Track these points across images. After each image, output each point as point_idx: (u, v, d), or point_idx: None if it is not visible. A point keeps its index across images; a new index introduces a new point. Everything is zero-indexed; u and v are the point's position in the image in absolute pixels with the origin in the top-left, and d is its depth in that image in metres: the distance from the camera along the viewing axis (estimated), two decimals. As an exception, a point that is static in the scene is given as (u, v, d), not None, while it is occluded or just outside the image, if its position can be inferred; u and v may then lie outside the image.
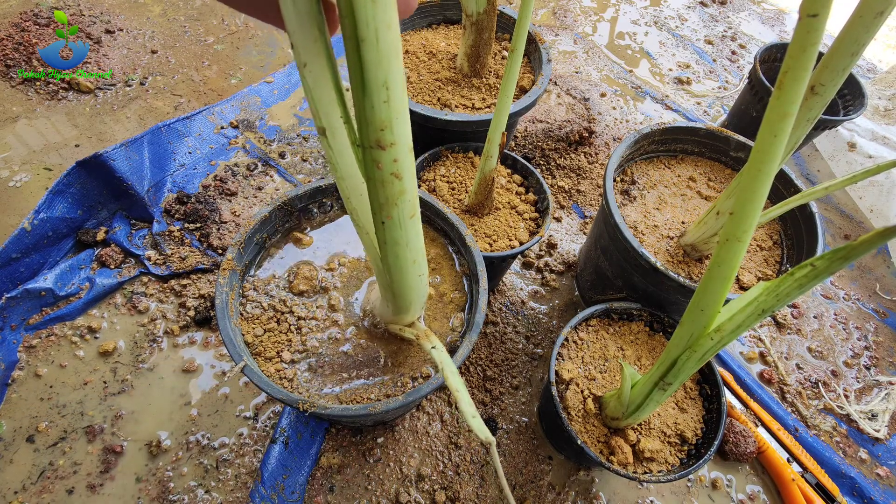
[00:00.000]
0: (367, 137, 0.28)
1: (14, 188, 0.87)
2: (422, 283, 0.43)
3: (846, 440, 0.79)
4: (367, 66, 0.24)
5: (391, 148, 0.28)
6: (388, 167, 0.29)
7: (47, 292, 0.74)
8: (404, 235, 0.35)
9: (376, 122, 0.27)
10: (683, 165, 0.80)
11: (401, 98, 0.27)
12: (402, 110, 0.28)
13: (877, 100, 1.23)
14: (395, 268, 0.39)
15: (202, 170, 0.93)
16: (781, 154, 0.33)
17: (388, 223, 0.33)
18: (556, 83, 1.18)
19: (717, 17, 1.53)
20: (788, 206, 0.57)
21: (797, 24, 0.29)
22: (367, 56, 0.24)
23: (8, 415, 0.68)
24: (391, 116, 0.27)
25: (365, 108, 0.26)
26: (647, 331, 0.69)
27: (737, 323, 0.40)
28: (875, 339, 0.90)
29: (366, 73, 0.25)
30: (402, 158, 0.30)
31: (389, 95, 0.26)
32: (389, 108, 0.27)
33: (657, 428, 0.61)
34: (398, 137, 0.28)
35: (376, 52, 0.24)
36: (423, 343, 0.46)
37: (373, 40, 0.23)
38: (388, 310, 0.49)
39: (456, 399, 0.37)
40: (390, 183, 0.30)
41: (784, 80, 0.31)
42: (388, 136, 0.28)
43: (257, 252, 0.59)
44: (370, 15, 0.23)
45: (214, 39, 1.18)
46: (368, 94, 0.26)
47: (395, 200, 0.32)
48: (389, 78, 0.25)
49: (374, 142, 0.28)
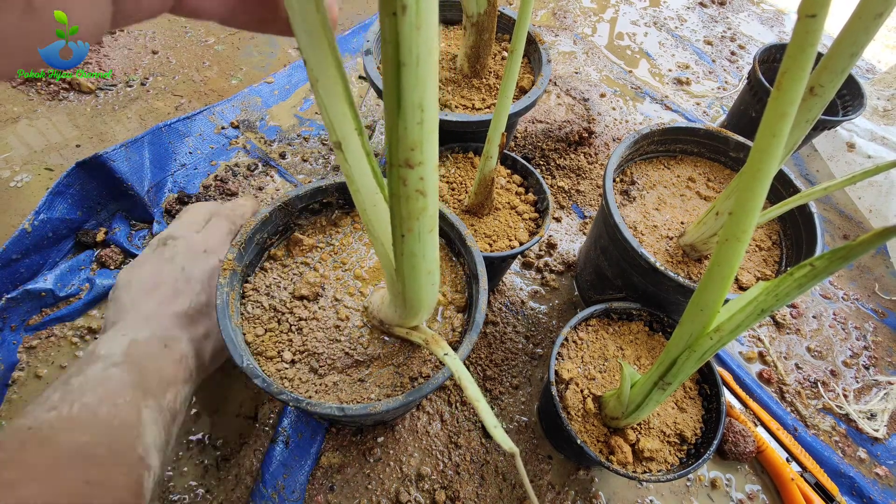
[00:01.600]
0: (397, 156, 0.29)
1: (15, 188, 0.87)
2: (434, 291, 0.43)
3: (845, 440, 0.79)
4: (405, 88, 0.25)
5: (419, 167, 0.29)
6: (414, 184, 0.30)
7: (47, 293, 0.74)
8: (422, 248, 0.36)
9: (408, 141, 0.28)
10: (683, 166, 0.80)
11: (433, 119, 0.28)
12: (433, 131, 0.28)
13: (876, 100, 1.24)
14: (409, 278, 0.39)
15: (203, 170, 0.93)
16: (780, 154, 0.33)
17: (408, 236, 0.34)
18: (556, 84, 1.18)
19: (716, 17, 1.54)
20: (787, 207, 0.57)
21: (795, 25, 0.29)
22: (405, 79, 0.25)
23: (8, 416, 0.68)
24: (423, 137, 0.28)
25: (398, 128, 0.27)
26: (646, 330, 0.70)
27: (736, 323, 0.40)
28: (874, 339, 0.90)
29: (402, 95, 0.25)
30: (427, 176, 0.30)
31: (423, 117, 0.27)
32: (422, 129, 0.27)
33: (657, 427, 0.61)
34: (427, 157, 0.29)
35: (415, 77, 0.25)
36: (435, 349, 0.47)
37: (413, 65, 0.24)
38: (395, 314, 0.49)
39: (477, 409, 0.37)
40: (414, 199, 0.31)
41: (783, 81, 0.31)
42: (417, 155, 0.28)
43: (258, 252, 0.59)
44: (414, 42, 0.23)
45: (215, 40, 1.19)
46: (403, 115, 0.26)
47: (416, 216, 0.32)
48: (425, 100, 0.26)
49: (404, 160, 0.29)
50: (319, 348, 0.54)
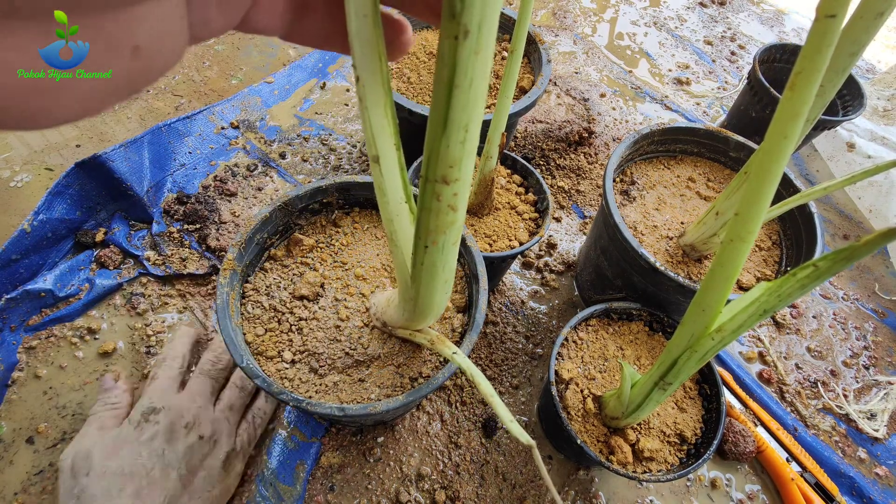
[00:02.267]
0: (434, 172, 0.29)
1: (15, 188, 0.87)
2: (446, 298, 0.44)
3: (845, 440, 0.79)
4: (454, 110, 0.26)
5: (454, 183, 0.30)
6: (447, 200, 0.31)
7: (47, 293, 0.74)
8: (443, 259, 0.37)
9: (448, 159, 0.28)
10: (683, 166, 0.80)
11: (475, 140, 0.28)
12: (473, 150, 0.29)
13: (876, 100, 1.24)
14: (426, 286, 0.40)
15: (202, 170, 0.93)
16: (790, 155, 0.33)
17: (432, 248, 0.35)
18: (556, 84, 1.18)
19: (716, 17, 1.54)
20: (788, 207, 0.57)
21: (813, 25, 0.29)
22: (456, 101, 0.25)
23: (7, 416, 0.68)
24: (463, 156, 0.28)
25: (440, 146, 0.28)
26: (646, 331, 0.70)
27: (738, 323, 0.40)
28: (874, 339, 0.90)
29: (450, 116, 0.26)
30: (461, 193, 0.31)
31: (466, 137, 0.27)
32: (464, 149, 0.28)
33: (657, 427, 0.61)
34: (463, 175, 0.30)
35: (466, 99, 0.25)
36: (441, 349, 0.47)
37: (466, 87, 0.25)
38: (401, 317, 0.49)
39: (491, 405, 0.38)
40: (445, 213, 0.32)
41: (797, 81, 0.30)
42: (455, 172, 0.29)
43: (258, 252, 0.59)
44: (471, 66, 0.24)
45: (215, 40, 1.18)
46: (447, 135, 0.27)
47: (444, 229, 0.33)
48: (471, 122, 0.27)
49: (441, 177, 0.29)
50: (319, 348, 0.54)
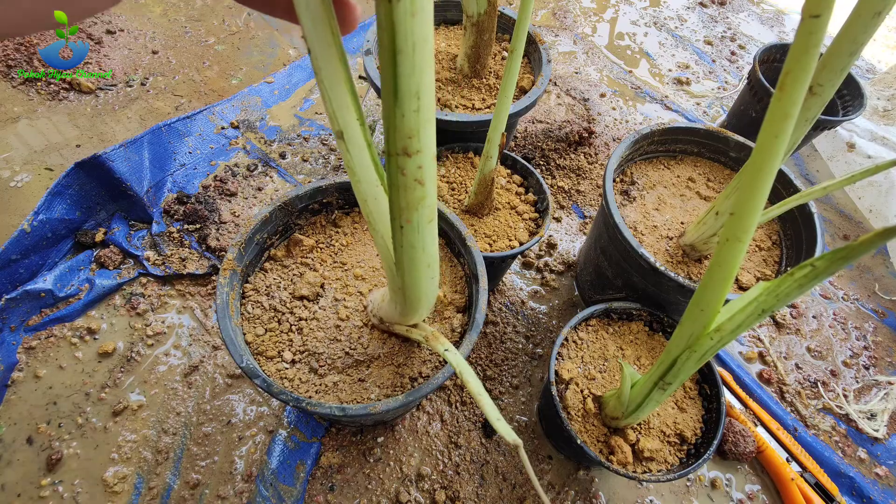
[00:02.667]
0: (395, 144, 0.29)
1: (15, 188, 0.87)
2: (433, 285, 0.43)
3: (845, 440, 0.79)
4: (402, 76, 0.25)
5: (417, 155, 0.29)
6: (413, 174, 0.30)
7: (47, 293, 0.74)
8: (421, 240, 0.36)
9: (405, 129, 0.28)
10: (683, 166, 0.80)
11: (430, 107, 0.28)
12: (430, 119, 0.28)
13: (876, 100, 1.24)
14: (409, 271, 0.39)
15: (202, 170, 0.93)
16: (783, 154, 0.33)
17: (407, 227, 0.34)
18: (556, 84, 1.18)
19: (716, 17, 1.54)
20: (787, 206, 0.57)
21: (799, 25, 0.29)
22: (402, 67, 0.25)
23: (7, 416, 0.68)
24: (419, 125, 0.28)
25: (395, 116, 0.27)
26: (646, 331, 0.70)
27: (737, 323, 0.40)
28: (874, 339, 0.90)
29: (399, 83, 0.26)
30: (426, 165, 0.30)
31: (420, 105, 0.27)
32: (419, 117, 0.27)
33: (657, 427, 0.61)
34: (424, 146, 0.29)
35: (411, 64, 0.25)
36: (434, 345, 0.47)
37: (409, 52, 0.24)
38: (395, 311, 0.49)
39: (479, 403, 0.38)
40: (413, 189, 0.31)
41: (786, 81, 0.31)
42: (415, 143, 0.29)
43: (258, 252, 0.59)
44: (409, 29, 0.24)
45: (215, 40, 1.19)
46: (400, 103, 0.26)
47: (415, 205, 0.32)
48: (421, 88, 0.26)
49: (401, 149, 0.29)
50: (319, 348, 0.54)
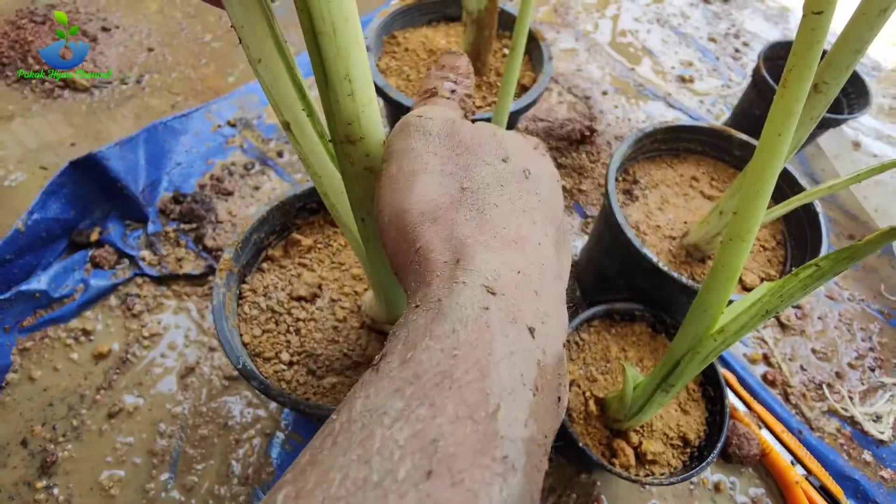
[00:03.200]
0: (336, 132, 0.28)
1: (9, 187, 0.86)
2: None
3: (850, 442, 0.78)
4: (327, 59, 0.24)
5: (361, 142, 0.28)
6: (361, 162, 0.29)
7: (41, 294, 0.73)
8: None
9: (343, 116, 0.27)
10: (686, 165, 0.79)
11: (365, 91, 0.27)
12: (369, 103, 0.27)
13: (881, 98, 1.22)
14: (378, 265, 0.38)
15: (199, 169, 0.92)
16: (786, 153, 0.33)
17: (368, 219, 0.33)
18: (558, 81, 1.17)
19: (720, 14, 1.52)
20: (792, 206, 0.56)
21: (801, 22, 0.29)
22: (326, 50, 0.24)
23: (1, 418, 0.67)
24: (357, 110, 0.27)
25: (330, 102, 0.26)
26: (649, 332, 0.69)
27: (740, 324, 0.40)
28: (880, 341, 0.89)
29: (327, 67, 0.24)
30: (374, 152, 0.29)
31: (353, 88, 0.26)
32: (354, 102, 0.26)
33: (659, 430, 0.61)
34: (367, 131, 0.28)
35: (335, 45, 0.24)
36: None
37: (330, 33, 0.23)
38: (382, 310, 0.48)
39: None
40: (365, 178, 0.30)
41: (788, 79, 0.30)
42: (356, 129, 0.27)
43: (255, 253, 0.58)
44: (325, 8, 0.22)
45: (212, 37, 1.18)
46: (332, 88, 0.25)
47: (370, 195, 0.31)
48: (351, 71, 0.25)
49: (344, 136, 0.28)
50: (318, 350, 0.53)
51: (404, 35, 0.86)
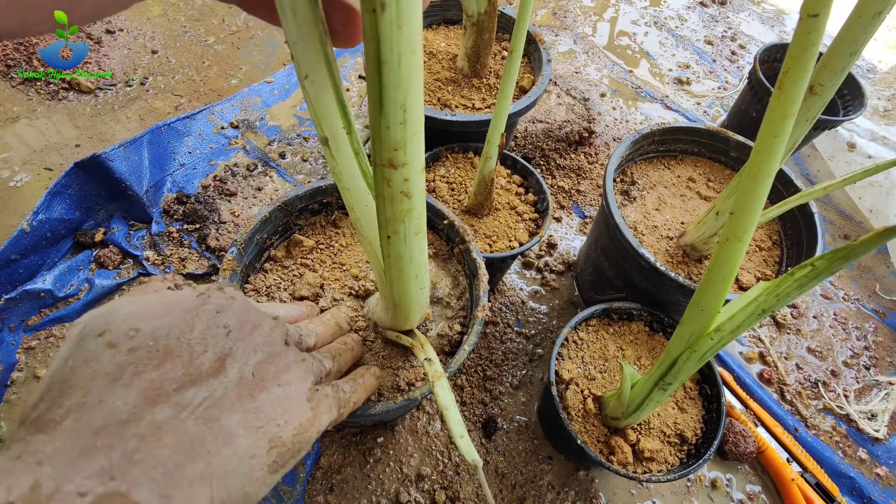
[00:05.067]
0: (380, 155, 0.28)
1: (15, 188, 0.87)
2: (423, 295, 0.43)
3: (846, 440, 0.79)
4: (387, 87, 0.25)
5: (403, 168, 0.29)
6: (398, 186, 0.30)
7: (46, 293, 0.74)
8: (408, 251, 0.36)
9: (391, 141, 0.27)
10: (683, 166, 0.80)
11: (417, 120, 0.27)
12: (418, 132, 0.28)
13: (876, 100, 1.24)
14: (397, 281, 0.39)
15: (202, 170, 0.93)
16: (782, 154, 0.33)
17: (394, 238, 0.34)
18: (556, 83, 1.18)
19: (716, 17, 1.53)
20: (788, 206, 0.57)
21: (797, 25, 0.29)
22: (387, 78, 0.24)
23: (7, 416, 0.68)
24: (406, 138, 0.27)
25: (381, 127, 0.27)
26: (646, 331, 0.69)
27: (737, 323, 0.40)
28: (875, 340, 0.90)
29: (384, 94, 0.25)
30: (413, 178, 0.30)
31: (406, 117, 0.26)
32: (405, 130, 0.27)
33: (657, 428, 0.61)
34: (411, 158, 0.29)
35: (397, 76, 0.24)
36: (418, 354, 0.47)
37: (395, 64, 0.24)
38: (387, 317, 0.49)
39: (445, 417, 0.37)
40: (399, 201, 0.31)
41: (784, 81, 0.31)
42: (401, 156, 0.28)
43: (258, 253, 0.59)
44: (395, 40, 0.23)
45: (215, 39, 1.18)
46: (385, 115, 0.26)
47: (402, 217, 0.32)
48: (408, 100, 0.26)
49: (387, 160, 0.28)
50: (319, 349, 0.53)
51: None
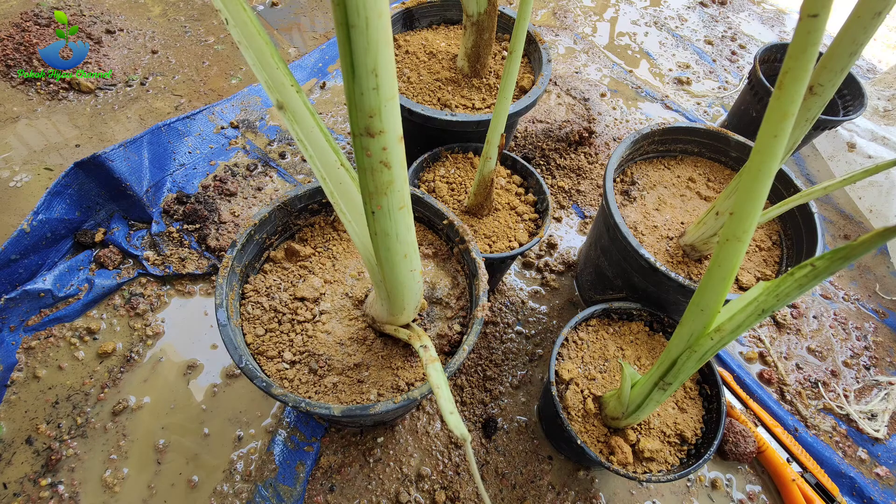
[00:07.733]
0: (357, 124, 0.28)
1: (15, 188, 0.87)
2: (414, 279, 0.42)
3: (845, 440, 0.79)
4: (357, 52, 0.25)
5: (380, 136, 0.29)
6: (378, 155, 0.30)
7: (46, 293, 0.74)
8: (394, 227, 0.35)
9: (365, 108, 0.27)
10: (683, 166, 0.80)
11: (390, 86, 0.27)
12: (391, 98, 0.28)
13: (876, 100, 1.23)
14: (385, 261, 0.39)
15: (202, 170, 0.93)
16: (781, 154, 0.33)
17: (378, 213, 0.34)
18: (556, 83, 1.18)
19: (716, 17, 1.53)
20: (788, 206, 0.57)
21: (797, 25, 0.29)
22: (356, 43, 0.24)
23: (7, 416, 0.68)
24: (380, 103, 0.27)
25: (354, 94, 0.27)
26: (646, 331, 0.69)
27: (737, 323, 0.40)
28: (874, 339, 0.90)
29: (355, 60, 0.25)
30: (391, 147, 0.30)
31: (378, 83, 0.26)
32: (378, 96, 0.27)
33: (657, 428, 0.61)
34: (387, 125, 0.29)
35: (365, 40, 0.24)
36: (413, 342, 0.47)
37: (362, 27, 0.24)
38: (383, 310, 0.49)
39: (436, 395, 0.37)
40: (379, 171, 0.30)
41: (784, 81, 0.31)
42: (377, 123, 0.28)
43: (257, 252, 0.59)
44: (361, 3, 0.23)
45: (215, 39, 1.18)
46: (357, 80, 0.26)
47: (384, 190, 0.32)
48: (379, 65, 0.26)
49: (364, 129, 0.28)
50: (319, 349, 0.53)
51: (405, 38, 0.87)
